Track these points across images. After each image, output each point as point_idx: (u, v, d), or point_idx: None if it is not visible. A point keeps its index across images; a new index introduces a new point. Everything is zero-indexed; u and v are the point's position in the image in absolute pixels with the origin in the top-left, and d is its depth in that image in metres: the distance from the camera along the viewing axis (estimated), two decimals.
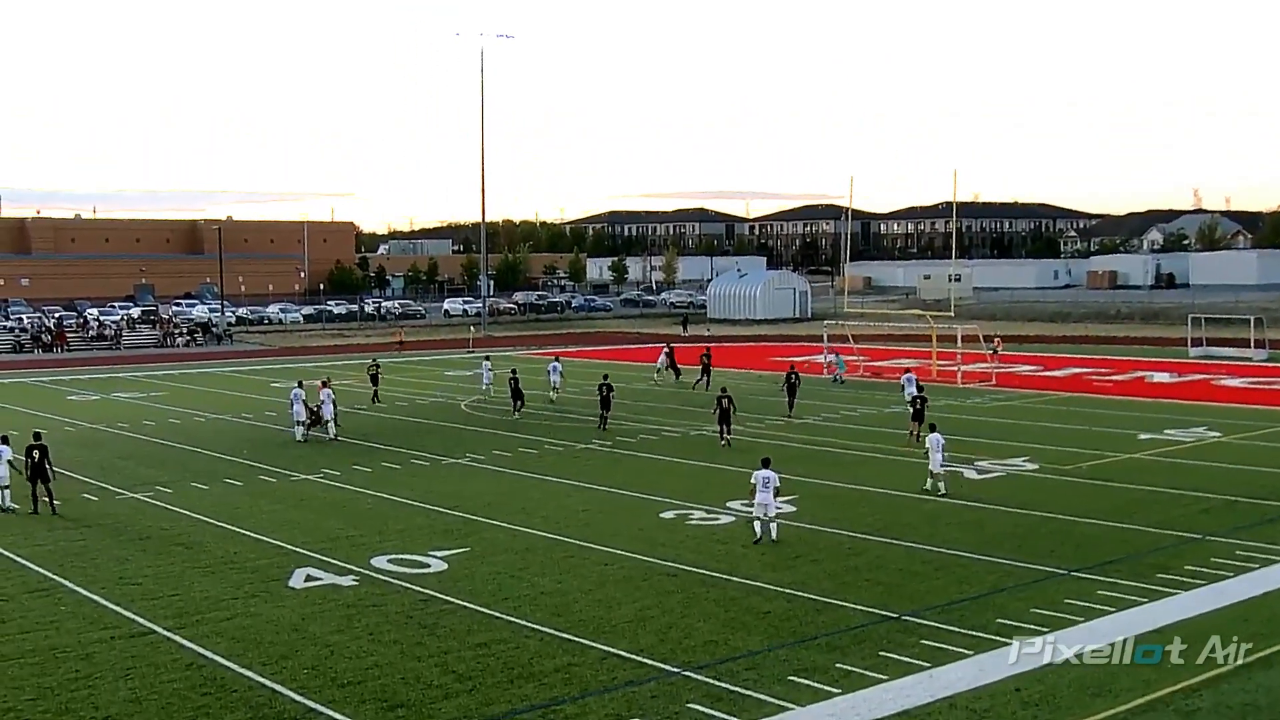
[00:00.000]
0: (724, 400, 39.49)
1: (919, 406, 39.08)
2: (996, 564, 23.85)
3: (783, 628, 20.06)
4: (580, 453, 38.52)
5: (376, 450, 39.35)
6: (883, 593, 21.97)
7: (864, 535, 26.47)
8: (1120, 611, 20.49)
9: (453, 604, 21.55)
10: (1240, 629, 19.30)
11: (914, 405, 39.76)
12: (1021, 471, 34.17)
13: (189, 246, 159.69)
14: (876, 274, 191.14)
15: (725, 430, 39.28)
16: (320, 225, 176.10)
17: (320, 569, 24.06)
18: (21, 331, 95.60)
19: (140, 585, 23.19)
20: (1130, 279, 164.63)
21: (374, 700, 17.02)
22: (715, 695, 17.02)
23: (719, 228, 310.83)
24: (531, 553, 25.29)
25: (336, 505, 30.80)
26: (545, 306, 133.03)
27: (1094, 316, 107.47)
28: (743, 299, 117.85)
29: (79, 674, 18.21)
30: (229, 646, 19.38)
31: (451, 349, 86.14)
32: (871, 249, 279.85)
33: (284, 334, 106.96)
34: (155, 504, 31.21)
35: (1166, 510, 28.73)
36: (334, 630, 20.18)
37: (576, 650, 19.00)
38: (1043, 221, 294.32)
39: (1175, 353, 72.10)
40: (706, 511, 29.02)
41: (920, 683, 17.36)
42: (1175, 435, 40.41)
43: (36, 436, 30.76)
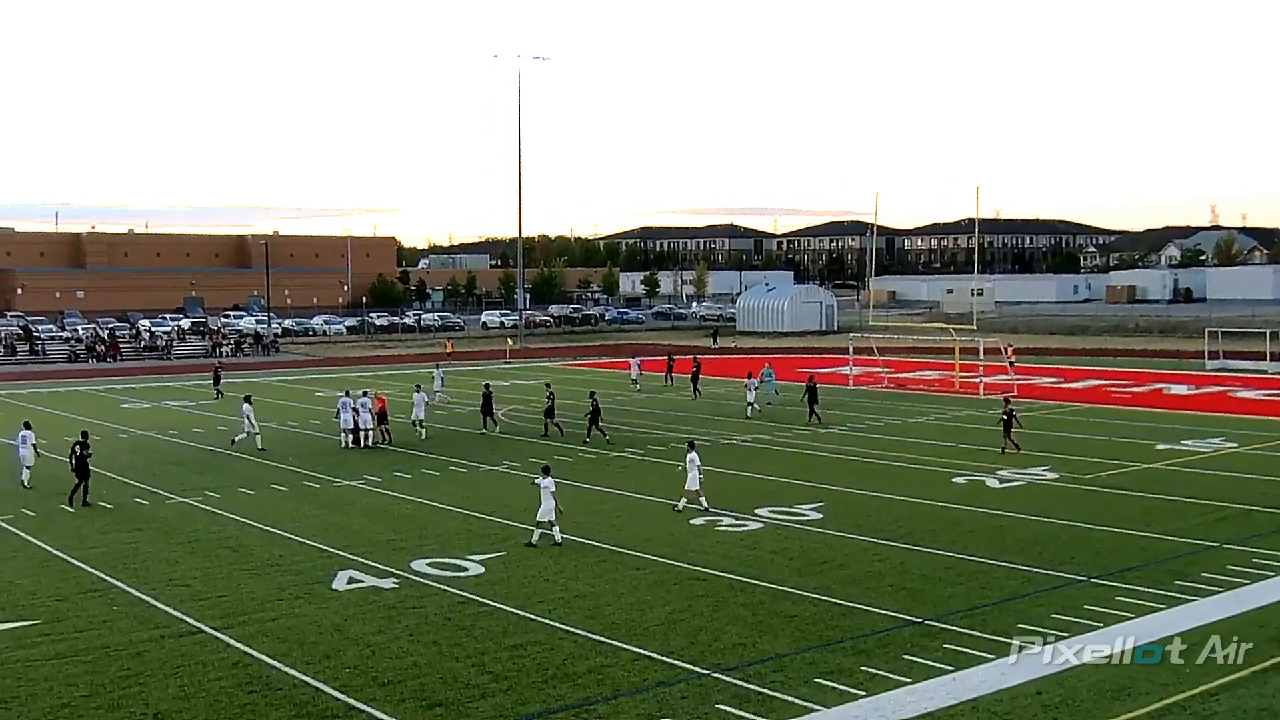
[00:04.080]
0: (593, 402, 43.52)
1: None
2: (1017, 570, 24.20)
3: (809, 631, 20.39)
4: (613, 460, 39.02)
5: (417, 457, 40.01)
6: (906, 598, 22.30)
7: (888, 542, 26.82)
8: (1139, 617, 20.75)
9: (490, 606, 21.97)
10: (1257, 634, 19.59)
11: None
12: (1041, 480, 34.43)
13: (237, 260, 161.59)
14: (901, 288, 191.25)
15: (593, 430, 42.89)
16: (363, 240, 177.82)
17: (362, 572, 24.56)
18: (77, 342, 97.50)
19: (189, 586, 23.74)
20: (1149, 294, 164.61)
21: (413, 699, 17.39)
22: (743, 696, 17.34)
23: (748, 243, 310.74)
24: (565, 557, 25.73)
25: (378, 510, 31.39)
26: (579, 319, 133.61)
27: (1113, 330, 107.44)
28: (771, 312, 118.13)
29: (130, 671, 18.64)
30: (274, 646, 19.81)
31: (489, 359, 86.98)
32: (896, 264, 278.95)
33: (327, 345, 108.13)
34: (204, 508, 31.86)
35: (1184, 519, 28.98)
36: (375, 631, 20.62)
37: (609, 652, 19.37)
38: (1063, 237, 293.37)
39: (1193, 365, 72.16)
40: (735, 518, 29.41)
41: (943, 685, 17.64)
42: (1192, 446, 40.62)
43: (84, 435, 33.04)
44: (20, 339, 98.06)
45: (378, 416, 43.42)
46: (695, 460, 30.32)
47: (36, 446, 35.47)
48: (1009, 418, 39.11)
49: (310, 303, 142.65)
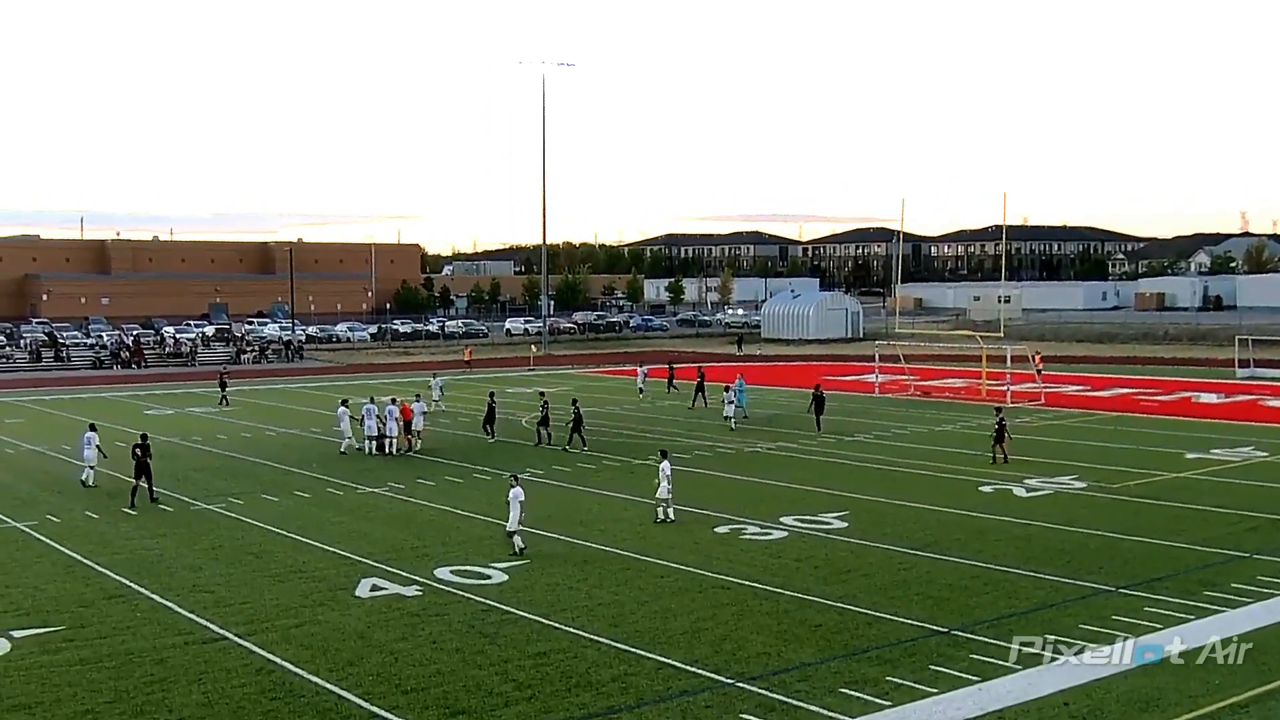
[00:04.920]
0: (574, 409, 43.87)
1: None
2: (1044, 580, 24.02)
3: (834, 640, 20.29)
4: (637, 468, 38.85)
5: (440, 464, 40.02)
6: (932, 607, 22.17)
7: (914, 550, 26.68)
8: (1168, 628, 20.56)
9: (513, 614, 21.94)
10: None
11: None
12: (1069, 489, 34.20)
13: (261, 267, 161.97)
14: (927, 295, 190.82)
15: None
16: (387, 247, 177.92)
17: (385, 579, 24.55)
18: (102, 348, 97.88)
19: (213, 593, 23.78)
20: (1178, 301, 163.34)
21: (436, 706, 17.35)
22: (768, 706, 17.25)
23: (773, 250, 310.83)
24: (589, 565, 25.70)
25: (401, 517, 31.41)
26: (604, 326, 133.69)
27: (1141, 338, 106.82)
28: (796, 319, 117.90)
29: (154, 677, 18.68)
30: (297, 653, 19.82)
31: (513, 366, 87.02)
32: (922, 271, 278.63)
33: (351, 351, 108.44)
34: (228, 514, 31.94)
35: (1213, 528, 28.75)
36: (398, 638, 20.61)
37: (633, 660, 19.30)
38: (1091, 244, 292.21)
39: (1222, 374, 71.56)
40: (760, 526, 29.31)
41: (970, 696, 17.52)
42: (1222, 455, 40.31)
43: (144, 438, 34.16)
44: (45, 346, 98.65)
45: (403, 424, 43.46)
46: (666, 470, 30.32)
47: (100, 448, 36.33)
48: (1001, 428, 38.84)
49: (334, 309, 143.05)
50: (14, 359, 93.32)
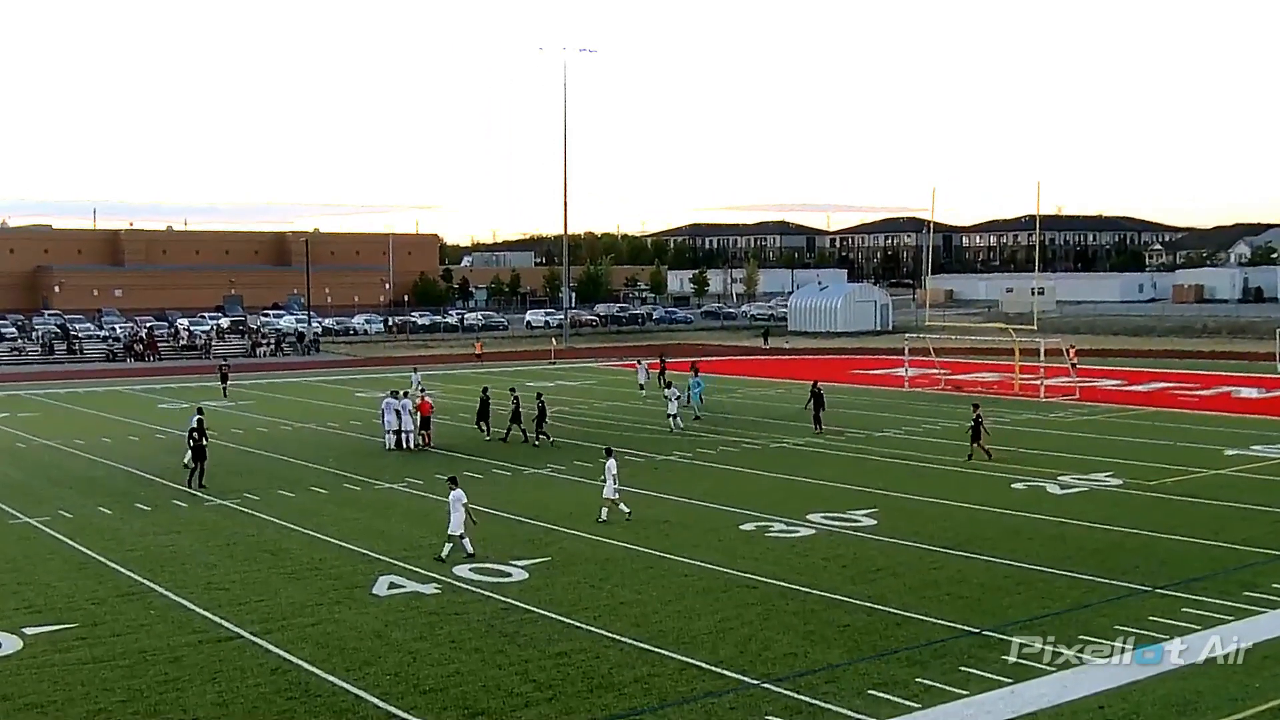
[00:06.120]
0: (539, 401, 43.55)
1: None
2: (1079, 580, 23.56)
3: (863, 641, 19.96)
4: (660, 464, 38.59)
5: (459, 460, 39.65)
6: (964, 607, 21.79)
7: (944, 549, 26.25)
8: (1206, 629, 20.11)
9: (533, 613, 21.67)
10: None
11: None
12: (1104, 487, 33.68)
13: (277, 258, 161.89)
14: (958, 287, 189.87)
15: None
16: (405, 237, 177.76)
17: (403, 577, 24.28)
18: (115, 341, 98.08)
19: (228, 590, 23.56)
20: (1217, 293, 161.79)
21: (455, 707, 17.14)
22: (794, 708, 16.95)
23: (800, 240, 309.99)
24: (611, 563, 25.38)
25: (419, 514, 31.08)
26: (626, 319, 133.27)
27: (1180, 331, 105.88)
28: (823, 312, 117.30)
29: (168, 676, 18.51)
30: (313, 652, 19.60)
31: (533, 360, 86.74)
32: (953, 262, 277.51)
33: (368, 344, 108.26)
34: (243, 510, 31.70)
35: (1254, 527, 28.19)
36: (416, 637, 20.37)
37: (656, 661, 19.02)
38: (1127, 235, 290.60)
39: (1263, 368, 70.69)
40: (786, 524, 28.92)
41: (1002, 699, 17.19)
42: (1263, 451, 39.65)
43: (199, 421, 35.75)
44: (58, 338, 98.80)
45: (422, 420, 43.13)
46: (612, 469, 29.87)
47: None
48: (977, 424, 38.27)
49: (351, 301, 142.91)
50: (26, 352, 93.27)
